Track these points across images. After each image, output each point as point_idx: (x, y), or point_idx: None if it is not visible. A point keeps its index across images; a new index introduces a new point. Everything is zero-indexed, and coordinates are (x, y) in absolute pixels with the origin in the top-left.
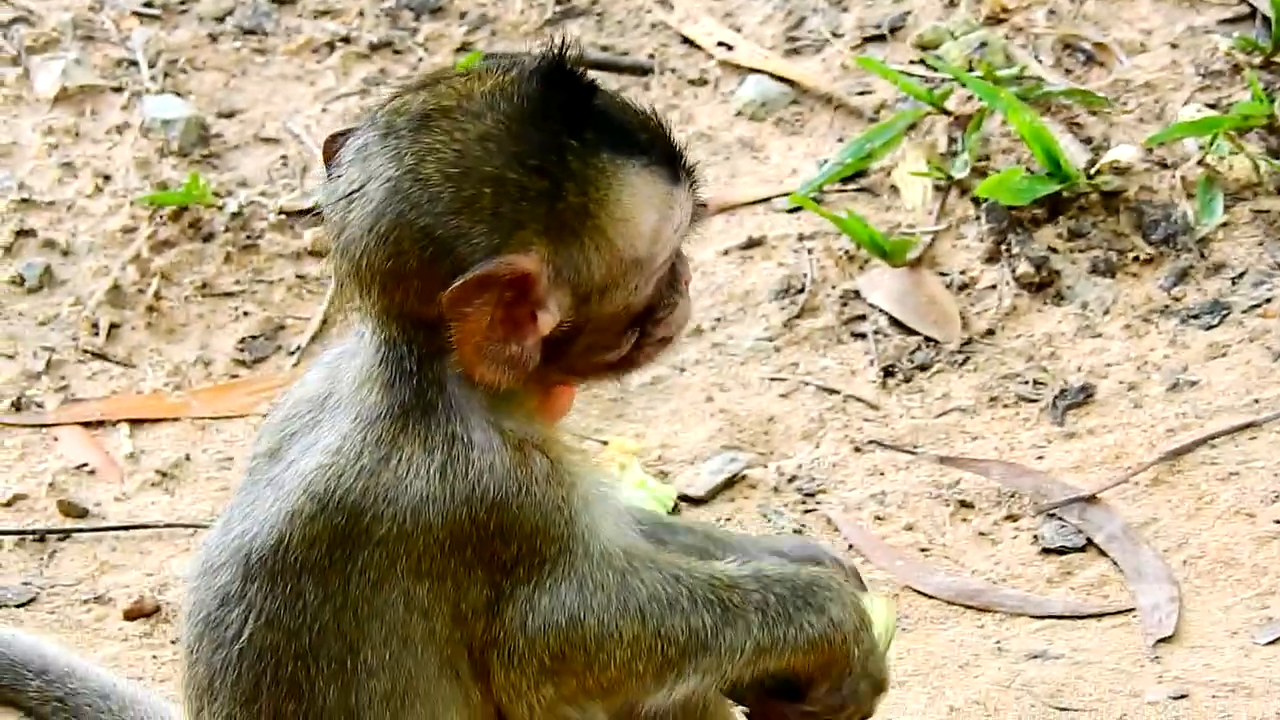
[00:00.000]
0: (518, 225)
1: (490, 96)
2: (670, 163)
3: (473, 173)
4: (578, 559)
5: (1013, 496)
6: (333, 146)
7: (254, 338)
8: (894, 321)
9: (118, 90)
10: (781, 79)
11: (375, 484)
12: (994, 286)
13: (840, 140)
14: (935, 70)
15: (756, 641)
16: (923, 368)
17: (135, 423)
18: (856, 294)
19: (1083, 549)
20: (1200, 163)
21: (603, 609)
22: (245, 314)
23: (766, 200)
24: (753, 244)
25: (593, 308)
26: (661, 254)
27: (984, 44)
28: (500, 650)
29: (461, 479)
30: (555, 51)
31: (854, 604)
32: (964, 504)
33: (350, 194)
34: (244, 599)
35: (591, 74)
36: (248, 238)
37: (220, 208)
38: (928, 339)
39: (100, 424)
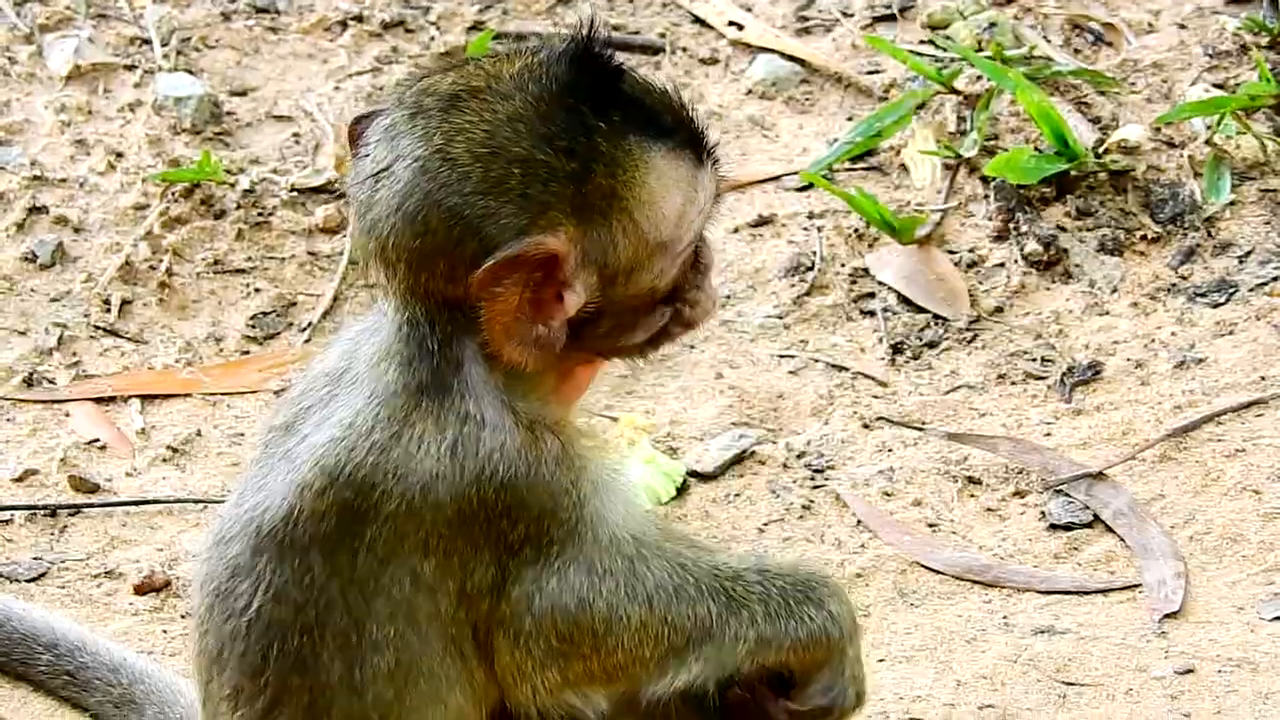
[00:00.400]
0: (546, 206)
1: (519, 78)
2: (694, 145)
3: (502, 153)
4: (587, 543)
5: (1020, 473)
6: (357, 128)
7: (265, 314)
8: (903, 299)
9: (130, 68)
10: (792, 58)
11: (386, 460)
12: (1002, 265)
13: (850, 119)
14: (945, 50)
15: (759, 632)
16: (931, 345)
17: (146, 398)
18: (866, 272)
19: (1090, 525)
20: (1208, 142)
21: (612, 593)
22: (256, 290)
23: (777, 178)
24: (763, 222)
25: (618, 289)
26: (686, 236)
27: (993, 24)
28: (507, 630)
29: (472, 458)
30: (584, 34)
31: (849, 604)
32: (972, 480)
33: (378, 173)
34: (253, 571)
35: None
36: (259, 215)
37: (232, 185)
38: (936, 316)
39: (112, 400)
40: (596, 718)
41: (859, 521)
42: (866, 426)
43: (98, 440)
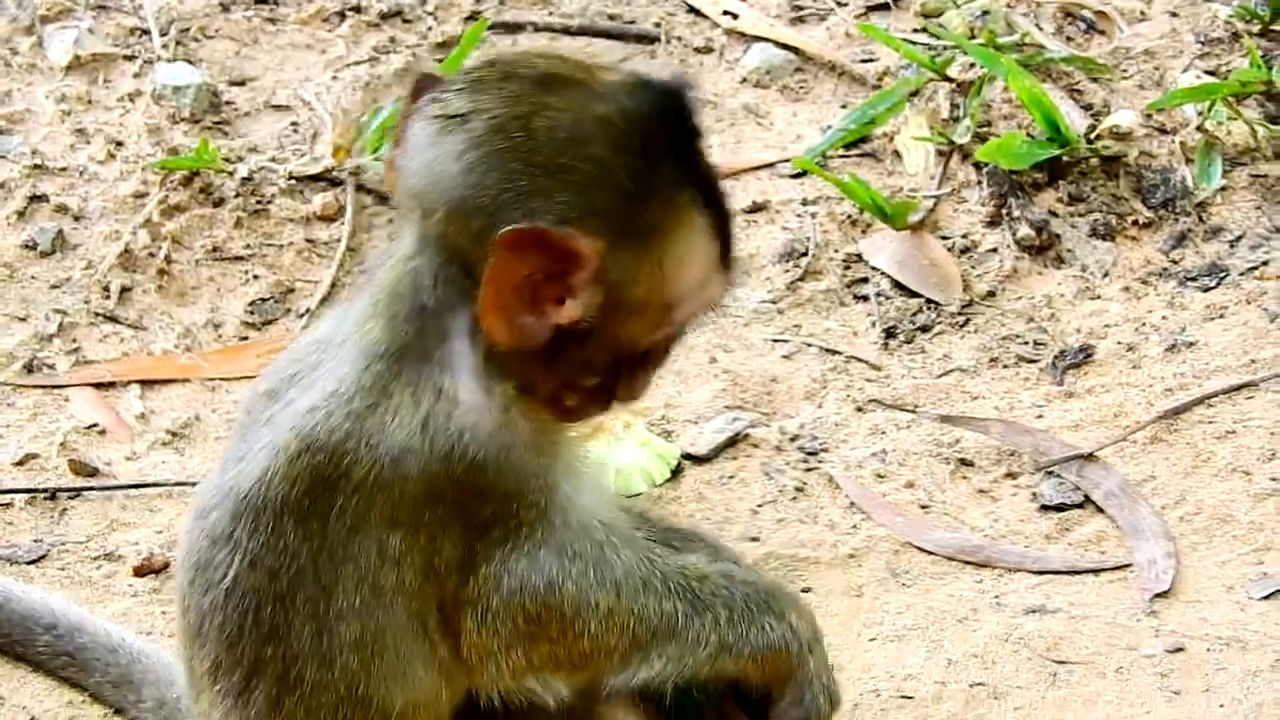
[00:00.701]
0: (596, 212)
1: (614, 87)
2: (726, 242)
3: (580, 145)
4: (557, 527)
5: (1012, 455)
6: (423, 85)
7: (263, 300)
8: (896, 284)
9: (130, 58)
10: (786, 47)
11: (360, 428)
12: (995, 250)
13: (844, 107)
14: (938, 38)
15: (721, 637)
16: (924, 329)
17: (146, 384)
18: (859, 257)
19: (1081, 506)
20: (1199, 128)
21: (581, 577)
22: (255, 277)
23: (771, 165)
24: (757, 208)
25: (612, 324)
26: (685, 312)
27: (986, 12)
28: (474, 609)
29: (442, 435)
30: (679, 80)
31: (809, 616)
32: (964, 462)
33: (450, 117)
34: (231, 539)
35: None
36: (258, 202)
37: (230, 173)
38: (929, 301)
39: (111, 385)
40: (556, 705)
41: (852, 503)
42: (859, 410)
43: (97, 425)
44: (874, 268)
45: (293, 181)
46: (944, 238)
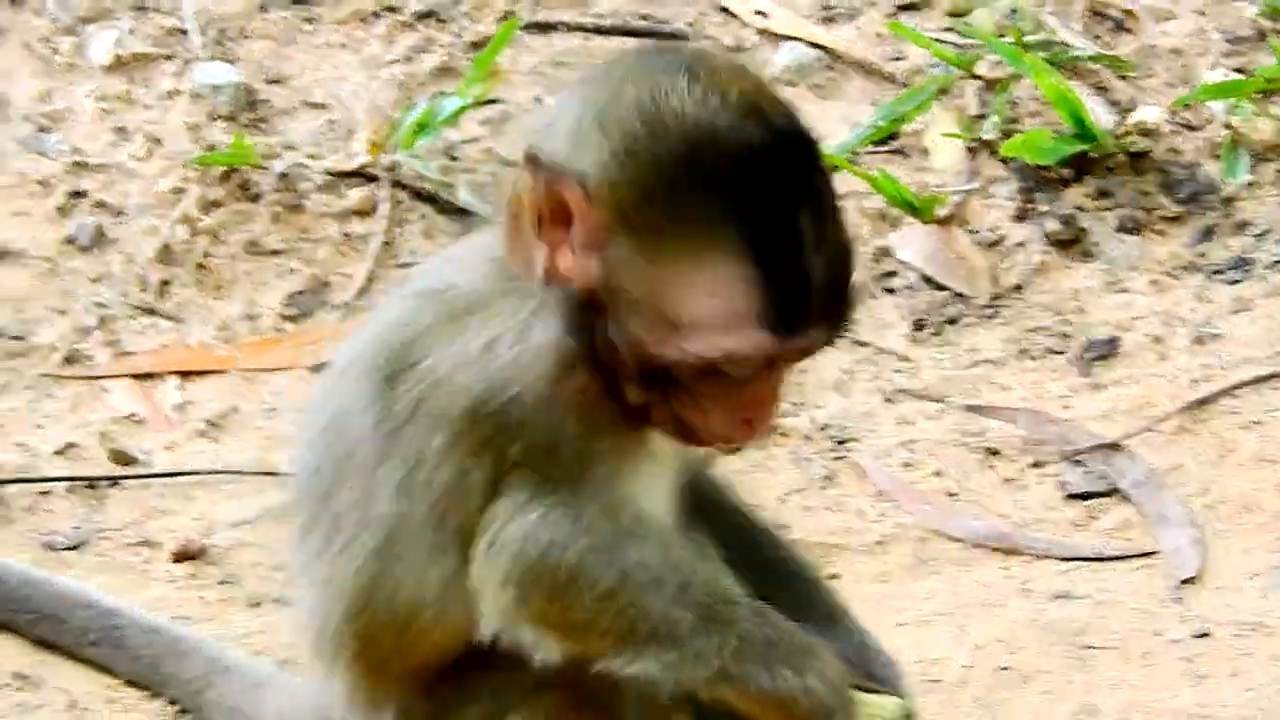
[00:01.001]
0: (615, 184)
1: (737, 103)
2: (775, 305)
3: (643, 124)
4: (581, 498)
5: (1039, 444)
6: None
7: (299, 294)
8: (924, 277)
9: (169, 58)
10: (817, 46)
11: (439, 328)
12: (1023, 244)
13: (873, 104)
14: (966, 36)
15: (724, 664)
16: (952, 321)
17: (184, 375)
18: (888, 251)
19: (1107, 494)
20: (1225, 125)
21: (586, 551)
22: (291, 271)
23: None
24: None
25: (618, 310)
26: (700, 345)
27: (1014, 10)
28: (484, 536)
29: (495, 361)
30: (808, 134)
31: (838, 685)
32: (991, 451)
33: (602, 73)
34: (330, 390)
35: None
36: (294, 198)
37: (267, 169)
38: (957, 294)
39: (150, 376)
40: (543, 662)
41: (880, 491)
42: (888, 400)
43: (136, 415)
44: (903, 261)
45: (328, 178)
46: (972, 232)
